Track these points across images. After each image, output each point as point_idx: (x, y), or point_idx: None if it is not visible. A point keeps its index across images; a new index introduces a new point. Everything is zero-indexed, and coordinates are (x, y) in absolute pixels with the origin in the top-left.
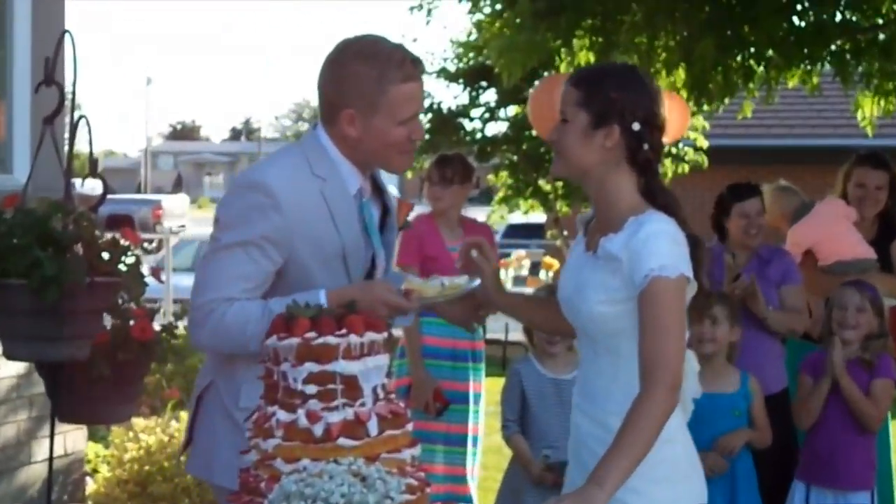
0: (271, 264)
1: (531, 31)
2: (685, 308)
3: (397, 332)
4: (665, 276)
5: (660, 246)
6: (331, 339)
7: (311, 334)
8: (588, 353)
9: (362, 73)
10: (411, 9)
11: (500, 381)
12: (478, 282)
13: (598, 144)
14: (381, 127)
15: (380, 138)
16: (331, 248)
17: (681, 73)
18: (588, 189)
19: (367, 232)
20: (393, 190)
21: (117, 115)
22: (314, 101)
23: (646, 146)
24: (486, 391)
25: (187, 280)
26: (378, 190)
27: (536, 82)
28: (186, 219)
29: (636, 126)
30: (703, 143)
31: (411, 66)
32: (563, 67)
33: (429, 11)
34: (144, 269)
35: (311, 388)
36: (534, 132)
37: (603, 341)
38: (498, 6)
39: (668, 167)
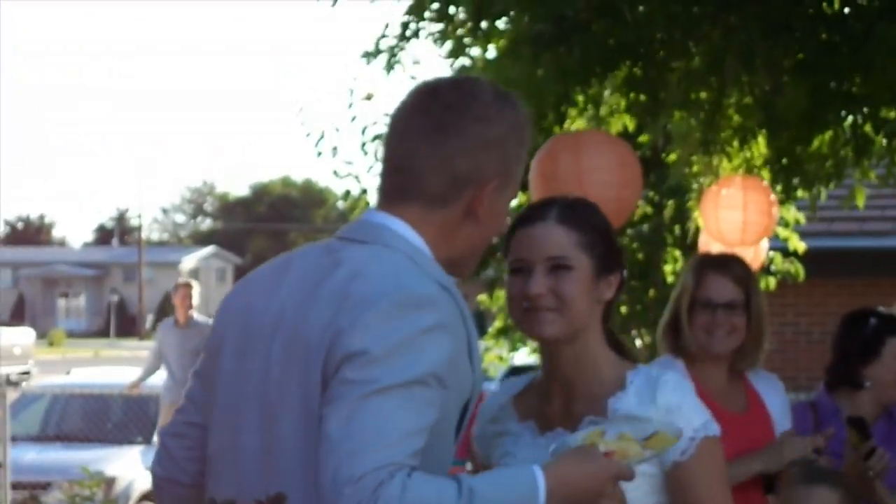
0: (435, 414)
1: (530, 64)
2: None
3: None
4: (712, 434)
5: (695, 398)
6: None
7: None
8: None
9: (514, 135)
10: (366, 55)
11: None
12: (680, 431)
13: (597, 294)
14: (505, 205)
15: (498, 221)
16: (464, 387)
17: (760, 145)
18: (565, 355)
19: None
20: None
21: None
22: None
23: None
24: None
25: (33, 453)
26: None
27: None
28: (32, 362)
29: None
30: (798, 244)
31: (531, 125)
32: (576, 120)
33: (391, 58)
34: None
35: None
36: None
37: None
38: (491, 47)
39: None
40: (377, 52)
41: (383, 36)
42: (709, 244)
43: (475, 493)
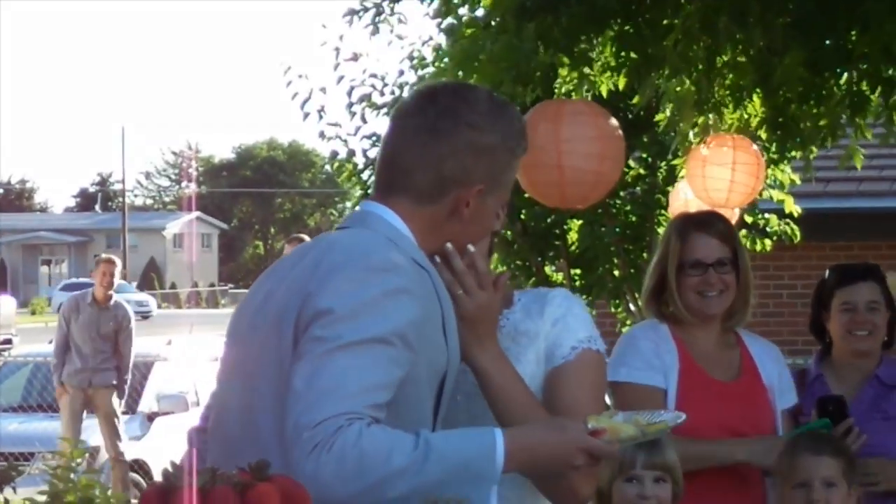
0: (400, 373)
1: (513, 36)
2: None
3: None
4: (595, 349)
5: (585, 313)
6: None
7: None
8: None
9: (495, 141)
10: (351, 14)
11: None
12: (683, 417)
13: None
14: (492, 209)
15: (485, 224)
16: (438, 361)
17: (756, 104)
18: None
19: None
20: None
21: None
22: (206, 149)
23: None
24: None
25: (15, 423)
26: None
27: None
28: (14, 330)
29: None
30: (794, 207)
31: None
32: (564, 90)
33: (376, 16)
34: None
35: None
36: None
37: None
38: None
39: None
40: (365, 9)
41: None
42: (681, 205)
43: (431, 446)
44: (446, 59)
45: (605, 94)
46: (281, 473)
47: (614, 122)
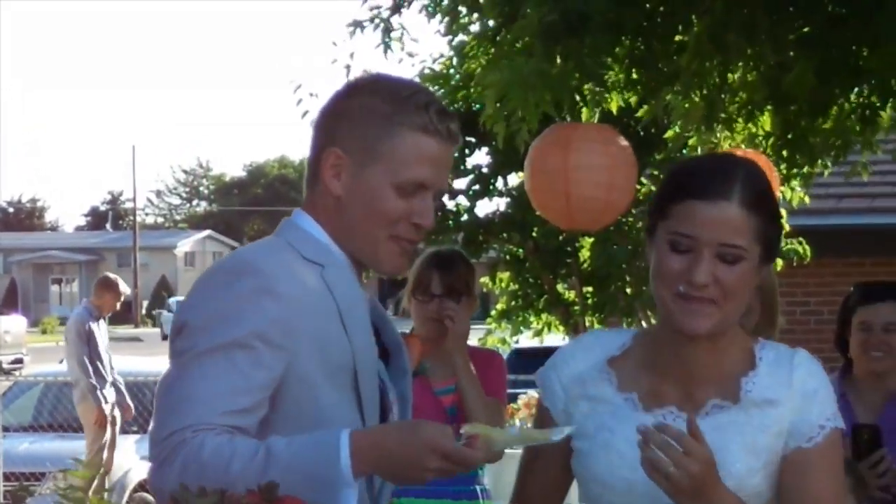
0: (267, 375)
1: (541, 59)
2: None
3: None
4: (840, 426)
5: (829, 385)
6: None
7: None
8: None
9: (367, 105)
10: (355, 26)
11: None
12: (567, 431)
13: (755, 283)
14: (373, 184)
15: (368, 202)
16: (338, 357)
17: (766, 120)
18: (703, 344)
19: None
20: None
21: None
22: (217, 167)
23: None
24: None
25: (26, 443)
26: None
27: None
28: (24, 350)
29: None
30: (803, 222)
31: (438, 118)
32: (585, 113)
33: (386, 32)
34: None
35: None
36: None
37: None
38: (490, 22)
39: None
40: (370, 20)
41: (375, 8)
42: None
43: (272, 453)
44: (457, 77)
45: (614, 110)
46: (289, 496)
47: (626, 147)
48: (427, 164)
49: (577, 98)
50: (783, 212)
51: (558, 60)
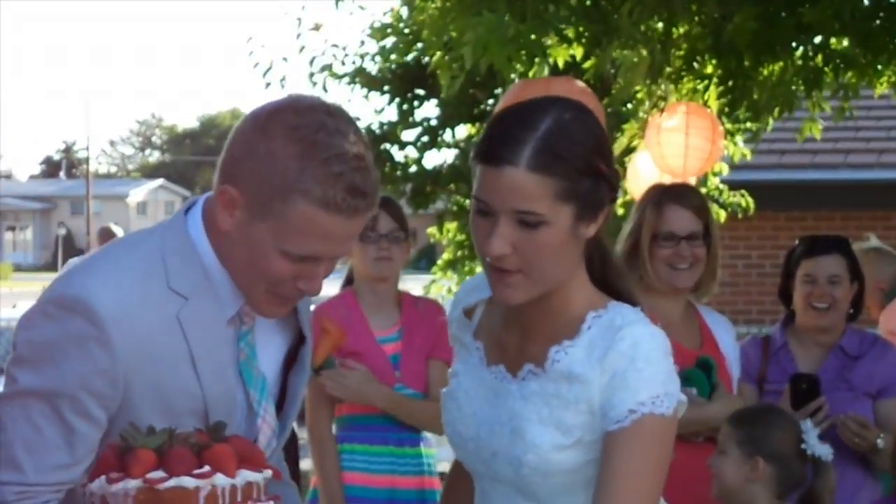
0: (94, 428)
1: (507, 15)
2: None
3: (304, 465)
4: (659, 413)
5: (653, 365)
6: (187, 482)
7: (158, 473)
8: None
9: (276, 154)
10: None
11: None
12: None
13: (579, 240)
14: (259, 240)
15: (252, 255)
16: (184, 403)
17: (709, 70)
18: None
19: (243, 377)
20: None
21: None
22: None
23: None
24: None
25: None
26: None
27: (501, 90)
28: None
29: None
30: (746, 177)
31: (347, 194)
32: (535, 67)
33: None
34: None
35: None
36: None
37: (552, 501)
38: None
39: None
40: None
41: None
42: (638, 177)
43: None
44: (406, 30)
45: (560, 65)
46: (236, 434)
47: (597, 101)
48: (321, 240)
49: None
50: (723, 166)
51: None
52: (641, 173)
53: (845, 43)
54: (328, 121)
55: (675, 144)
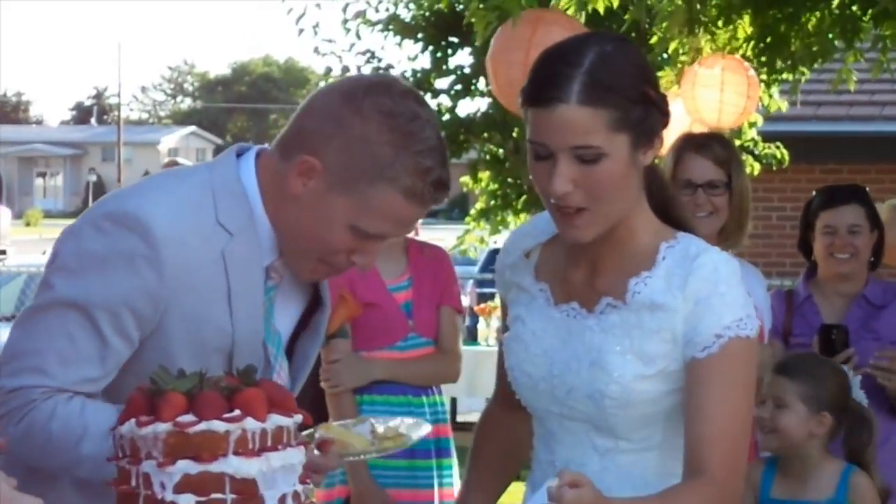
0: (126, 346)
1: None
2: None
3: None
4: (744, 335)
5: (733, 289)
6: (217, 425)
7: (188, 417)
8: (590, 457)
9: (371, 138)
10: None
11: None
12: (426, 430)
13: (638, 169)
14: (332, 212)
15: (318, 223)
16: (214, 339)
17: (745, 25)
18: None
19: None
20: None
21: None
22: (202, 64)
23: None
24: None
25: (7, 332)
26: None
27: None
28: (8, 241)
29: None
30: (782, 128)
31: (433, 190)
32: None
33: None
34: None
35: (188, 499)
36: None
37: (629, 435)
38: None
39: None
40: None
41: None
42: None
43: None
44: None
45: (601, 10)
46: (266, 378)
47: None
48: (394, 224)
49: None
50: (758, 118)
51: None
52: (674, 122)
53: None
54: (420, 111)
55: (710, 100)
